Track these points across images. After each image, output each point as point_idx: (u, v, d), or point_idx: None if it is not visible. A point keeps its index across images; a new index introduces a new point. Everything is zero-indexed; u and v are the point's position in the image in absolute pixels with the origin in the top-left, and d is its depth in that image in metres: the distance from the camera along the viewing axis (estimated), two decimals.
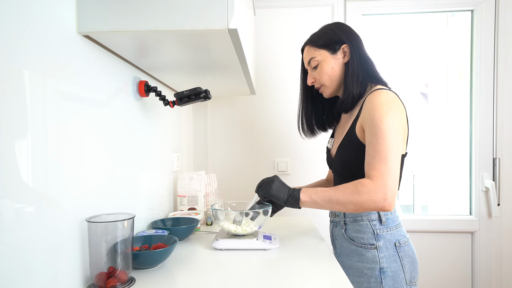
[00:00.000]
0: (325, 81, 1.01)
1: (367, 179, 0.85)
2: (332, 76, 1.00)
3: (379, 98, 0.89)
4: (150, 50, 0.86)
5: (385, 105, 0.88)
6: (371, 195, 0.83)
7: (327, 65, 0.99)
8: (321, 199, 0.89)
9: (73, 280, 0.69)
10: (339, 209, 0.89)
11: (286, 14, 1.75)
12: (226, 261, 0.89)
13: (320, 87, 1.04)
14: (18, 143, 0.54)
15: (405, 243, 0.96)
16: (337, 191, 0.87)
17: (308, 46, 1.04)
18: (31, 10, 0.58)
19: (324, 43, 1.00)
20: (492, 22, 1.67)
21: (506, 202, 1.68)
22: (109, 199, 0.85)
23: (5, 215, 0.51)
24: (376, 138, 0.86)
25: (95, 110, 0.78)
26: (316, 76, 1.02)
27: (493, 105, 1.68)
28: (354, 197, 0.84)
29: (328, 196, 0.88)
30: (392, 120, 0.86)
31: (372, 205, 0.84)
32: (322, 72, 1.00)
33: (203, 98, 0.97)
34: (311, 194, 0.91)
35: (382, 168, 0.83)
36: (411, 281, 0.95)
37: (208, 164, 1.81)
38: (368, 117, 0.89)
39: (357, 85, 0.97)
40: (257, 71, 1.74)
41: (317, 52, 1.01)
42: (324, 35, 1.01)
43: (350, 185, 0.86)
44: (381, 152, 0.84)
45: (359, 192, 0.84)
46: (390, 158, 0.84)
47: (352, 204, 0.85)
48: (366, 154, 0.88)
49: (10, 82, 0.53)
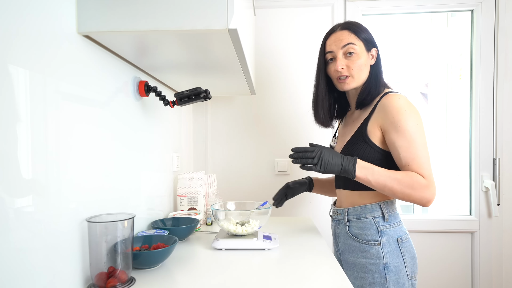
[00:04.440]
0: (355, 73, 1.00)
1: (421, 176, 0.89)
2: (362, 72, 1.00)
3: (399, 101, 0.93)
4: (150, 50, 0.86)
5: (407, 109, 0.93)
6: (423, 191, 0.89)
7: (363, 58, 1.00)
8: (375, 182, 0.91)
9: (73, 280, 0.69)
10: (386, 193, 0.92)
11: (286, 14, 1.75)
12: (226, 261, 0.89)
13: (347, 77, 1.00)
14: (18, 143, 0.54)
15: (406, 239, 0.99)
16: (394, 180, 0.90)
17: (349, 31, 1.00)
18: (31, 10, 0.58)
19: (364, 37, 1.00)
20: (492, 22, 1.67)
21: (506, 202, 1.68)
22: (109, 199, 0.85)
23: (5, 215, 0.51)
24: (407, 141, 0.91)
25: (95, 110, 0.78)
26: (349, 64, 0.99)
27: (493, 105, 1.68)
28: (408, 190, 0.89)
29: (383, 181, 0.91)
30: (416, 122, 0.92)
31: (420, 200, 0.90)
32: (357, 63, 0.99)
33: (203, 98, 0.97)
34: (367, 173, 0.92)
35: (427, 167, 0.90)
36: (412, 276, 0.97)
37: (208, 164, 1.81)
38: (393, 121, 0.92)
39: (377, 88, 1.01)
40: (257, 71, 1.74)
41: (357, 41, 0.99)
42: (365, 31, 1.02)
43: (407, 177, 0.90)
44: (420, 153, 0.91)
45: (413, 187, 0.89)
46: (428, 158, 0.92)
47: (403, 195, 0.90)
48: (401, 157, 0.92)
49: (9, 81, 0.53)
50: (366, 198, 1.01)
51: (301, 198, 1.76)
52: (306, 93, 1.75)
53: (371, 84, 1.01)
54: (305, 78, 1.75)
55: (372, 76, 1.02)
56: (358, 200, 1.02)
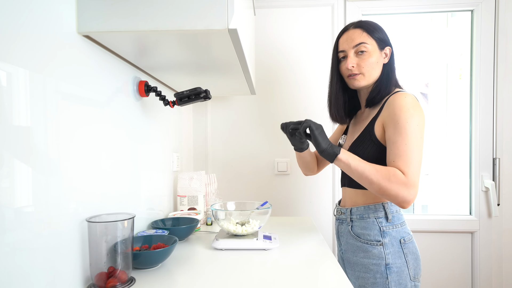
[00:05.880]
0: (366, 71, 1.00)
1: (401, 172, 0.87)
2: (374, 70, 1.01)
3: (405, 99, 0.93)
4: (150, 50, 0.86)
5: (411, 108, 0.92)
6: (400, 187, 0.86)
7: (375, 57, 1.00)
8: (355, 166, 0.90)
9: (73, 280, 0.69)
10: (363, 183, 0.91)
11: (286, 14, 1.75)
12: (226, 261, 0.89)
13: (357, 74, 1.01)
14: (18, 143, 0.54)
15: (409, 240, 0.98)
16: (372, 169, 0.89)
17: (361, 30, 1.00)
18: (31, 10, 0.58)
19: (377, 37, 1.01)
20: (492, 22, 1.67)
21: (506, 202, 1.68)
22: (109, 199, 0.85)
23: (5, 215, 0.51)
24: (401, 138, 0.89)
25: (95, 110, 0.78)
26: (360, 62, 1.00)
27: (493, 105, 1.68)
28: (384, 182, 0.87)
29: (362, 167, 0.90)
30: (418, 123, 0.91)
31: (395, 197, 0.87)
32: (368, 61, 0.99)
33: (203, 98, 0.97)
34: (348, 156, 0.91)
35: (412, 168, 0.87)
36: (415, 277, 0.97)
37: (208, 164, 1.81)
38: (394, 117, 0.92)
39: (389, 86, 1.01)
40: (257, 71, 1.74)
41: (370, 40, 1.00)
42: (378, 30, 1.02)
43: (385, 169, 0.88)
44: (411, 153, 0.88)
45: (390, 180, 0.86)
46: (418, 160, 0.89)
47: (379, 187, 0.88)
48: (391, 152, 0.91)
49: (9, 81, 0.53)
50: (370, 198, 1.01)
51: (301, 198, 1.76)
52: (306, 93, 1.75)
53: (382, 83, 1.01)
54: (306, 77, 1.75)
55: (384, 75, 1.02)
56: (362, 199, 1.02)
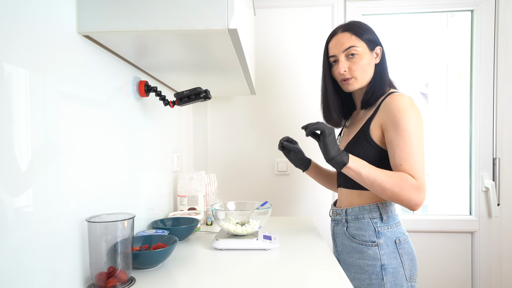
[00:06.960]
0: (358, 74, 1.00)
1: (411, 177, 0.88)
2: (366, 72, 1.01)
3: (402, 101, 0.93)
4: (150, 50, 0.86)
5: (409, 109, 0.92)
6: (412, 193, 0.87)
7: (365, 59, 1.00)
8: (366, 174, 0.90)
9: (73, 280, 0.69)
10: (375, 190, 0.91)
11: (286, 14, 1.75)
12: (226, 261, 0.89)
13: (349, 78, 1.01)
14: (18, 143, 0.54)
15: (405, 241, 0.98)
16: (383, 176, 0.89)
17: (350, 33, 1.00)
18: (31, 10, 0.58)
19: (367, 38, 1.00)
20: (492, 22, 1.67)
21: (506, 202, 1.68)
22: (109, 199, 0.85)
23: (5, 215, 0.51)
24: (404, 140, 0.90)
25: (95, 110, 0.78)
26: (351, 66, 1.00)
27: (493, 105, 1.68)
28: (397, 189, 0.88)
29: (374, 175, 0.90)
30: (417, 123, 0.92)
31: (408, 202, 0.88)
32: (359, 64, 0.99)
33: (203, 98, 0.97)
34: (358, 165, 0.91)
35: (420, 170, 0.89)
36: (411, 278, 0.96)
37: (208, 164, 1.81)
38: (393, 119, 0.92)
39: (383, 87, 1.01)
40: (257, 71, 1.74)
41: (359, 42, 0.99)
42: (367, 31, 1.01)
43: (396, 175, 0.89)
44: (416, 155, 0.89)
45: (403, 187, 0.88)
46: (423, 161, 0.90)
47: (392, 193, 0.89)
48: (396, 156, 0.91)
49: (9, 81, 0.53)
50: (365, 198, 1.01)
51: (301, 198, 1.76)
52: (306, 93, 1.75)
53: (376, 84, 1.01)
54: (305, 78, 1.75)
55: (377, 75, 1.02)
56: (357, 200, 1.02)
